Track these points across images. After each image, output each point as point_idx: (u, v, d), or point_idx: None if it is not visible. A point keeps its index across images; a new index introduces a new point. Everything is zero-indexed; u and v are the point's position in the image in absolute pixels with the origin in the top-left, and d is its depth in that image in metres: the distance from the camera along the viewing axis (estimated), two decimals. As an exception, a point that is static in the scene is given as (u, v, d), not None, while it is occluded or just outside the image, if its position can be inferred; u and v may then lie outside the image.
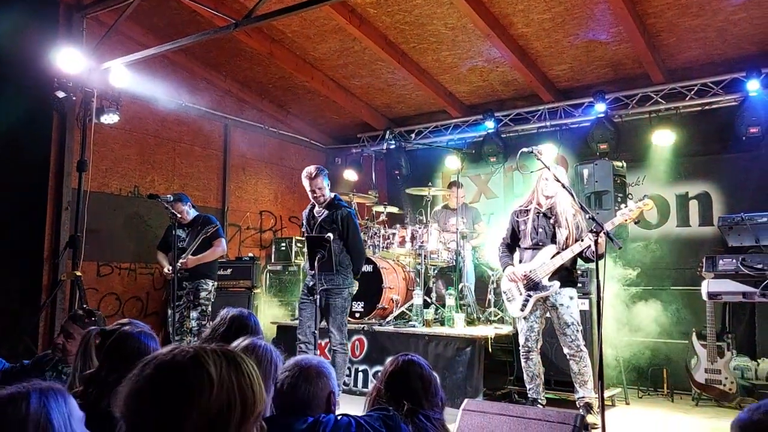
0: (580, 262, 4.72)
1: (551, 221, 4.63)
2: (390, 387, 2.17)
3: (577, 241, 4.51)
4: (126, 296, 6.85)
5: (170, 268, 5.76)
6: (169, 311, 5.88)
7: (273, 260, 7.96)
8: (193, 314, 5.92)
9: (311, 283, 4.97)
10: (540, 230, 4.66)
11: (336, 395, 2.12)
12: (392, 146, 8.12)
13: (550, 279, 4.57)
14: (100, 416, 1.80)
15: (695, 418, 5.00)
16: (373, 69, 7.23)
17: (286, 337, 6.37)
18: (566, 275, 4.61)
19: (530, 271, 4.63)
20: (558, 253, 4.54)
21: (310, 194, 5.08)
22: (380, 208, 7.02)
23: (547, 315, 4.71)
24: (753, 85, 5.93)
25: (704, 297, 4.51)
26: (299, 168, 9.03)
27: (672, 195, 6.72)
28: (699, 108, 6.59)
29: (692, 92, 6.49)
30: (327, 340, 5.24)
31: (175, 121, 7.38)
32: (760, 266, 4.07)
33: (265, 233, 8.43)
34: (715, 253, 5.33)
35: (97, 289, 6.55)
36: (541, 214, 4.68)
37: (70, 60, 5.69)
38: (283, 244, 7.95)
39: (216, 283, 6.12)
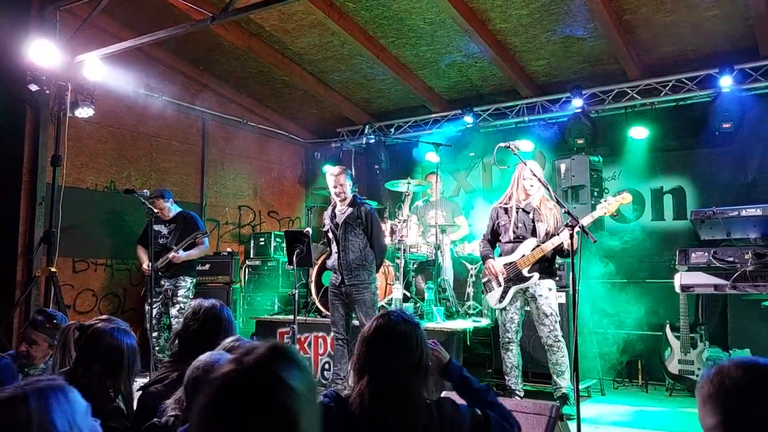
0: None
1: (531, 216, 4.71)
2: (368, 350, 1.97)
3: (554, 234, 4.59)
4: (103, 292, 6.78)
5: (149, 264, 5.73)
6: (147, 307, 5.84)
7: (252, 255, 7.92)
8: (173, 311, 5.90)
9: (338, 282, 5.07)
10: (520, 225, 4.73)
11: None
12: (372, 141, 8.12)
13: (530, 271, 4.65)
14: None
15: (669, 408, 5.11)
16: (352, 64, 7.22)
17: (265, 332, 6.37)
18: (545, 267, 4.69)
19: (510, 263, 4.71)
20: (538, 245, 4.62)
21: (332, 190, 5.25)
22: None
23: (527, 307, 4.78)
24: (725, 81, 6.03)
25: (677, 289, 4.61)
26: (278, 163, 9.09)
27: (647, 189, 6.83)
28: (673, 104, 6.69)
29: (667, 88, 6.59)
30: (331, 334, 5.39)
31: (152, 115, 7.29)
32: (731, 259, 4.17)
33: (243, 228, 8.39)
34: (689, 246, 5.44)
35: (72, 286, 6.47)
36: (521, 210, 4.75)
37: (43, 53, 5.59)
38: (262, 239, 7.92)
39: (195, 280, 6.12)
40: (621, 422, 4.68)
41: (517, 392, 4.75)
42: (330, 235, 5.30)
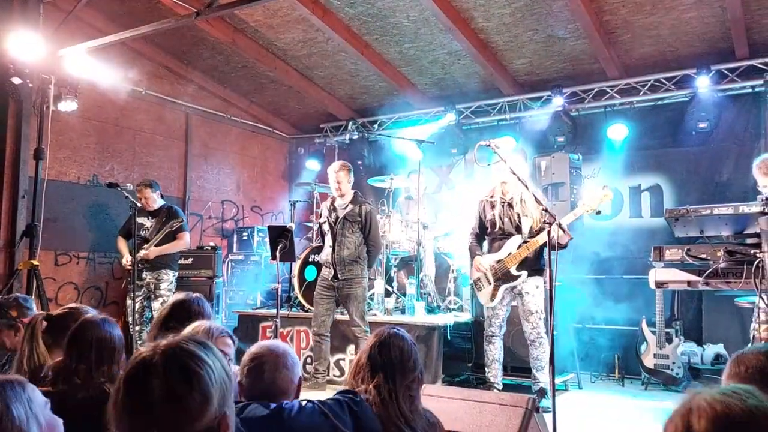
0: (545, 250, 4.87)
1: (516, 210, 4.78)
2: (370, 358, 2.18)
3: (539, 231, 4.67)
4: (85, 286, 6.76)
5: (130, 258, 5.73)
6: (129, 301, 5.85)
7: (235, 250, 7.94)
8: (155, 305, 5.91)
9: (330, 276, 5.10)
10: (506, 219, 4.81)
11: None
12: (355, 137, 8.17)
13: (518, 268, 4.72)
14: (74, 409, 1.79)
15: (644, 401, 5.23)
16: (336, 60, 7.26)
17: (248, 326, 6.40)
18: (533, 264, 4.76)
19: (498, 262, 4.78)
20: (525, 242, 4.70)
21: (332, 185, 5.32)
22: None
23: (514, 302, 4.87)
24: (702, 82, 6.16)
25: (652, 285, 4.70)
26: (262, 157, 9.10)
27: (626, 187, 6.95)
28: (652, 103, 6.82)
29: (645, 87, 6.71)
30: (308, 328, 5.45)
31: (136, 109, 7.27)
32: (704, 256, 4.28)
33: (226, 222, 8.40)
34: (665, 243, 5.55)
35: (54, 279, 6.45)
36: (506, 204, 4.83)
37: (26, 46, 5.56)
38: (245, 234, 7.94)
39: (177, 274, 6.12)
40: (596, 415, 4.78)
41: (495, 385, 4.84)
42: (326, 227, 5.33)
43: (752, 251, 4.04)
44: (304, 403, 1.98)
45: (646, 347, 5.68)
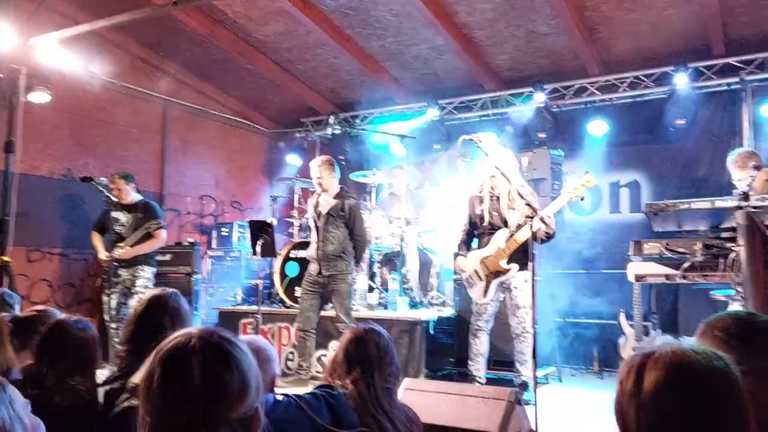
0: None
1: (503, 204, 4.79)
2: (347, 354, 2.19)
3: (524, 224, 4.67)
4: (59, 283, 6.61)
5: (106, 254, 5.61)
6: (105, 298, 5.72)
7: (214, 246, 7.83)
8: (131, 302, 5.78)
9: (315, 272, 5.04)
10: (494, 214, 4.81)
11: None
12: (337, 132, 8.11)
13: (508, 263, 4.73)
14: (48, 414, 1.73)
15: (622, 394, 5.28)
16: (317, 53, 7.19)
17: (228, 322, 6.32)
18: (521, 258, 4.74)
19: (487, 257, 4.78)
20: (512, 236, 4.70)
21: (314, 179, 5.26)
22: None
23: (501, 296, 4.87)
24: (680, 79, 6.23)
25: (630, 279, 4.76)
26: (241, 152, 8.99)
27: (605, 183, 7.01)
28: (631, 100, 6.88)
29: (625, 84, 6.77)
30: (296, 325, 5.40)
31: (111, 101, 7.12)
32: (681, 250, 4.32)
33: (205, 218, 8.28)
34: (644, 238, 5.62)
35: (27, 276, 6.29)
36: (495, 198, 4.83)
37: (-5, 34, 5.40)
38: (225, 230, 7.84)
39: (155, 270, 5.99)
40: (576, 408, 4.83)
41: (478, 379, 4.85)
42: (311, 223, 5.29)
43: (728, 245, 4.11)
44: (279, 397, 1.96)
45: (624, 340, 5.73)
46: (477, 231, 4.97)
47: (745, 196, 3.15)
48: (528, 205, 4.01)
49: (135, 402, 1.92)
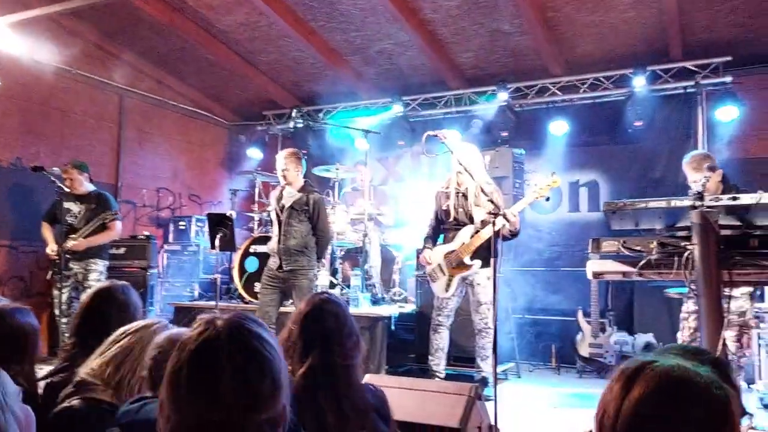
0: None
1: (469, 201, 4.80)
2: (304, 329, 1.99)
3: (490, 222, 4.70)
4: (6, 276, 6.34)
5: (56, 248, 5.40)
6: (55, 292, 5.51)
7: (171, 240, 7.64)
8: (83, 297, 5.58)
9: (276, 266, 4.92)
10: (460, 210, 4.84)
11: None
12: (300, 125, 8.00)
13: (472, 258, 4.75)
14: None
15: (578, 389, 5.38)
16: (280, 45, 7.07)
17: (184, 318, 6.17)
18: (485, 255, 4.77)
19: (451, 252, 4.78)
20: (477, 232, 4.72)
21: (279, 171, 5.12)
22: (286, 189, 6.92)
23: (463, 292, 4.89)
24: (639, 82, 6.37)
25: (589, 276, 4.83)
26: (200, 144, 8.80)
27: (565, 182, 7.12)
28: (591, 101, 7.00)
29: (585, 85, 6.88)
30: None
31: (65, 89, 6.86)
32: (638, 248, 4.40)
33: (162, 211, 8.07)
34: (602, 236, 5.73)
35: (-29, 269, 6.02)
36: (461, 194, 4.85)
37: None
38: (183, 223, 7.65)
39: (107, 264, 5.80)
40: (534, 402, 4.89)
41: (438, 374, 4.86)
42: (273, 216, 5.18)
43: (683, 244, 4.21)
44: None
45: (581, 337, 5.85)
46: (443, 226, 4.98)
47: (700, 197, 3.21)
48: (490, 201, 4.03)
49: (77, 403, 1.82)
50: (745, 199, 3.17)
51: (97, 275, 5.60)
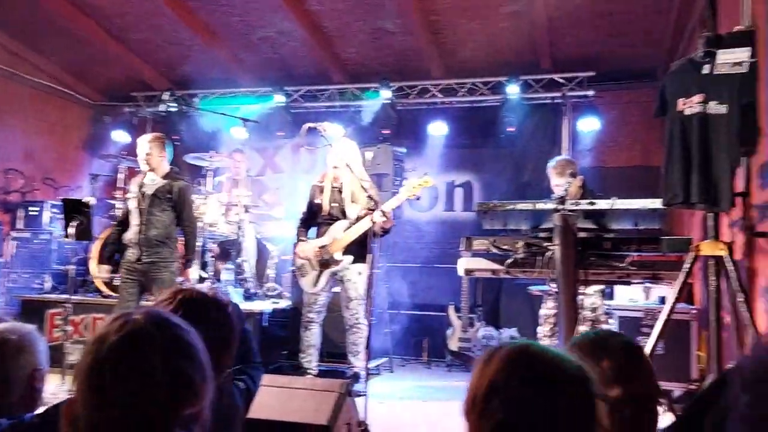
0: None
1: (344, 196, 4.77)
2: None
3: (364, 216, 4.69)
4: None
5: None
6: None
7: (20, 226, 6.89)
8: None
9: (134, 258, 4.49)
10: (334, 205, 4.79)
11: (43, 372, 1.81)
12: (173, 109, 7.53)
13: (344, 254, 4.70)
14: None
15: (446, 383, 5.57)
16: (154, 23, 6.62)
17: (33, 313, 5.59)
18: (357, 250, 4.75)
19: (322, 247, 4.72)
20: (349, 227, 4.69)
21: (140, 156, 4.75)
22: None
23: (336, 288, 4.84)
24: (512, 90, 6.69)
25: (460, 273, 5.01)
26: (60, 123, 8.03)
27: (442, 182, 7.34)
28: (469, 105, 7.25)
29: (464, 89, 7.11)
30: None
31: None
32: (506, 247, 4.60)
33: (11, 195, 7.24)
34: (474, 234, 5.96)
35: None
36: (337, 190, 4.80)
37: None
38: (34, 208, 6.93)
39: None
40: (405, 397, 4.98)
41: (310, 371, 4.79)
42: (132, 205, 4.75)
43: (545, 244, 4.47)
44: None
45: (452, 332, 6.06)
46: (316, 220, 4.92)
47: (562, 200, 3.42)
48: (370, 197, 4.03)
49: None
50: (602, 204, 3.42)
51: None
